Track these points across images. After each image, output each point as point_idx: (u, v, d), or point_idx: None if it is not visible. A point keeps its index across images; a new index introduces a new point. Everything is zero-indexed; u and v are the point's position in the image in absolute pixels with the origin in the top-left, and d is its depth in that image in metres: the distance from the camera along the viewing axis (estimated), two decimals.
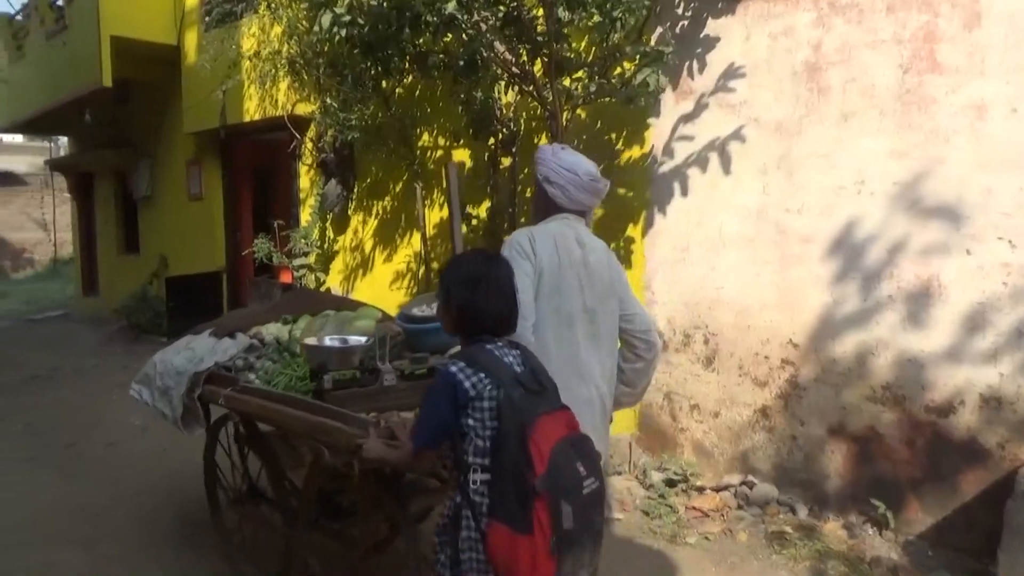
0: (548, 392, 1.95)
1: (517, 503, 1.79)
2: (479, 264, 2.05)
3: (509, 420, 1.83)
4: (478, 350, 1.96)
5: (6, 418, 6.66)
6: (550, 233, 2.40)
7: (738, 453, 4.53)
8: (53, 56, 10.27)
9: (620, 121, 5.06)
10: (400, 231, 6.96)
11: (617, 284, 2.53)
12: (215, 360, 3.33)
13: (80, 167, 13.31)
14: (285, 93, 7.60)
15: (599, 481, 1.89)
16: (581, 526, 1.80)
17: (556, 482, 1.78)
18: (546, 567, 1.77)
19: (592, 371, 2.40)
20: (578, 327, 2.38)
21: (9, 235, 23.55)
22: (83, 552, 3.85)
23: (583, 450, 1.89)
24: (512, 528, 1.79)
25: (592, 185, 2.48)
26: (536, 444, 1.80)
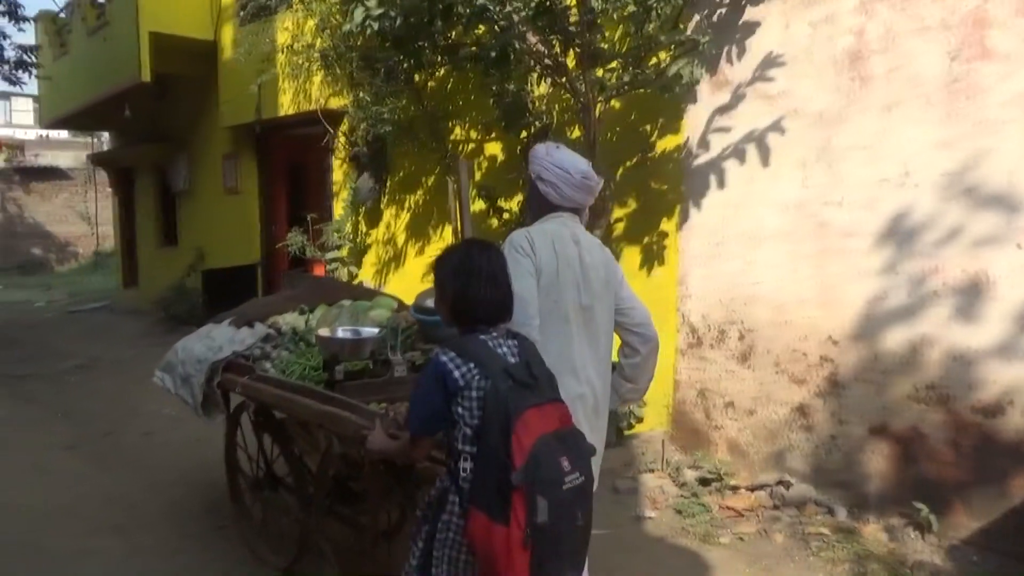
0: (540, 384, 1.93)
1: (496, 493, 1.81)
2: (472, 254, 2.05)
3: (493, 411, 1.84)
4: (470, 340, 1.97)
5: (48, 406, 6.82)
6: (547, 233, 2.44)
7: (774, 452, 4.43)
8: (94, 52, 10.46)
9: (654, 113, 4.97)
10: (432, 225, 6.95)
11: (613, 280, 2.57)
12: (233, 349, 3.41)
13: (121, 162, 13.56)
14: (319, 87, 7.63)
15: (585, 477, 1.88)
16: (559, 521, 1.80)
17: (533, 476, 1.78)
18: (521, 558, 1.78)
19: (586, 367, 2.44)
20: (573, 324, 2.42)
21: (55, 228, 24.21)
22: (118, 539, 3.90)
23: (572, 444, 1.89)
24: (490, 517, 1.82)
25: (584, 183, 2.49)
26: (518, 437, 1.80)
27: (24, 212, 23.84)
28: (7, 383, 7.74)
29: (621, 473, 4.63)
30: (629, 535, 3.97)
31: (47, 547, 3.75)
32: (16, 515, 4.14)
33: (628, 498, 4.37)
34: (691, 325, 4.85)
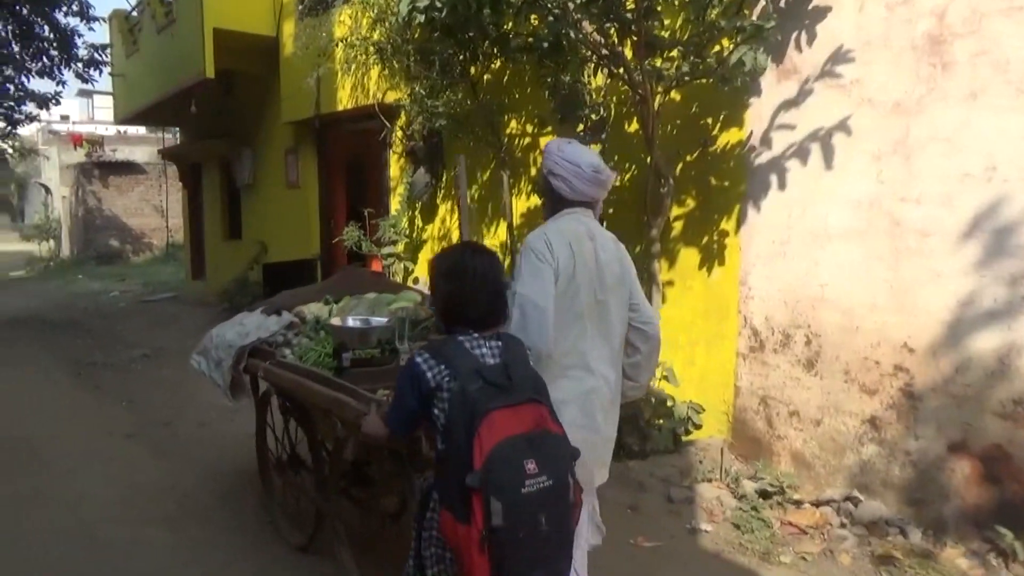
0: (517, 386, 1.93)
1: (459, 493, 1.83)
2: (464, 257, 2.10)
3: (459, 412, 1.87)
4: (446, 342, 2.02)
5: (113, 394, 7.00)
6: (563, 232, 2.48)
7: (842, 466, 4.16)
8: (162, 50, 10.72)
9: (716, 105, 4.72)
10: (487, 220, 6.84)
11: (627, 277, 2.62)
12: (258, 335, 3.61)
13: (189, 156, 13.93)
14: (376, 81, 7.61)
15: (555, 480, 1.87)
16: (517, 524, 1.79)
17: (488, 478, 1.78)
18: (480, 559, 1.80)
19: (600, 361, 2.50)
20: (587, 320, 2.48)
21: (130, 221, 25.13)
22: (168, 531, 3.93)
23: (542, 447, 1.88)
24: (455, 516, 1.85)
25: (594, 176, 2.53)
26: (480, 438, 1.82)
27: (102, 205, 24.81)
28: (78, 370, 8.00)
29: (676, 481, 4.43)
30: (682, 548, 3.78)
31: (100, 536, 3.80)
32: (75, 503, 4.22)
33: (683, 508, 4.17)
34: (753, 328, 4.60)
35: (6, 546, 3.55)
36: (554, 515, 1.88)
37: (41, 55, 9.85)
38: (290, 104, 9.46)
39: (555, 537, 1.90)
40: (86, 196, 24.64)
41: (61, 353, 8.91)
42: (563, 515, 1.92)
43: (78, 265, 22.88)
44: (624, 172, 5.38)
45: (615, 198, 5.45)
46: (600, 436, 2.55)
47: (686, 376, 4.92)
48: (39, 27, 9.79)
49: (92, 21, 9.53)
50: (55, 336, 10.34)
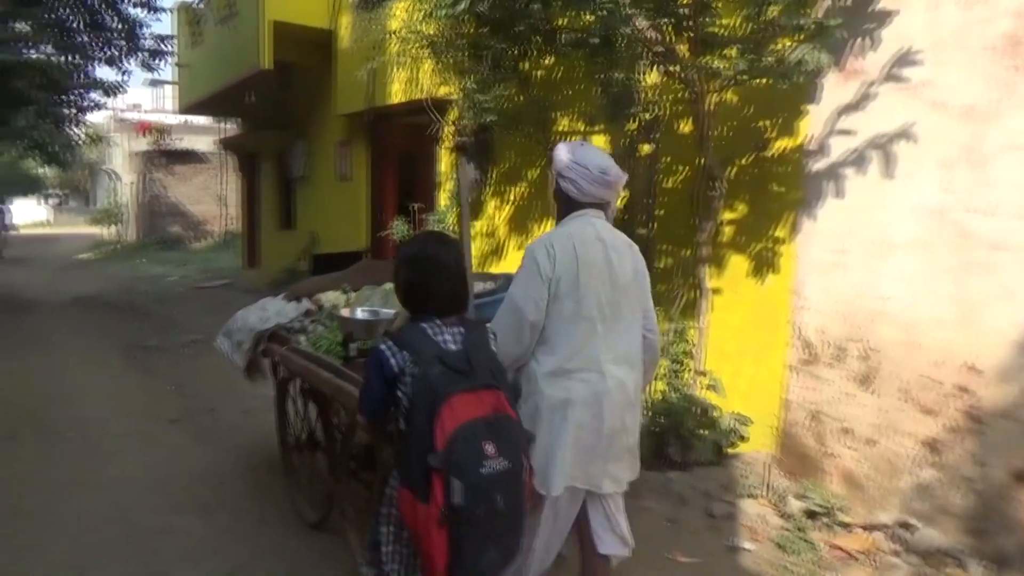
0: (477, 371, 2.00)
1: (420, 473, 1.90)
2: (428, 245, 2.19)
3: (420, 395, 1.95)
4: (410, 329, 2.11)
5: (163, 378, 7.14)
6: (568, 236, 2.52)
7: (896, 489, 3.94)
8: (223, 41, 10.92)
9: (774, 105, 4.52)
10: (534, 218, 6.74)
11: (641, 278, 2.66)
12: (277, 321, 3.74)
13: (247, 147, 14.20)
14: (428, 76, 7.57)
15: (511, 463, 1.95)
16: (475, 503, 1.87)
17: (449, 459, 1.86)
18: (439, 536, 1.88)
19: (613, 363, 2.51)
20: (597, 322, 2.49)
21: (191, 208, 25.85)
22: (201, 520, 3.95)
23: (501, 431, 1.96)
24: (415, 495, 1.92)
25: (602, 178, 2.55)
26: (442, 420, 1.89)
27: (166, 192, 25.58)
28: (133, 354, 8.20)
29: (718, 496, 4.27)
30: (721, 566, 3.63)
31: (133, 521, 3.84)
32: (113, 486, 4.29)
33: (724, 524, 4.01)
34: (805, 340, 4.40)
35: (44, 526, 3.62)
36: (509, 496, 1.96)
37: (108, 45, 10.14)
38: (343, 97, 9.52)
39: (509, 516, 1.99)
40: (151, 183, 25.43)
41: (116, 335, 9.15)
42: (517, 496, 2.01)
43: (141, 249, 23.63)
44: (675, 174, 5.22)
45: (665, 200, 5.30)
46: (612, 440, 2.53)
47: (732, 386, 4.75)
48: (107, 17, 10.07)
49: (156, 12, 9.78)
50: (113, 318, 10.64)
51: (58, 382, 6.57)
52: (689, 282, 5.01)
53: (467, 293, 2.22)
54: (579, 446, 2.48)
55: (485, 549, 1.95)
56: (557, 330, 2.49)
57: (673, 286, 5.16)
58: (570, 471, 2.48)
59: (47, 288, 14.58)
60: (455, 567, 1.93)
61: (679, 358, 4.99)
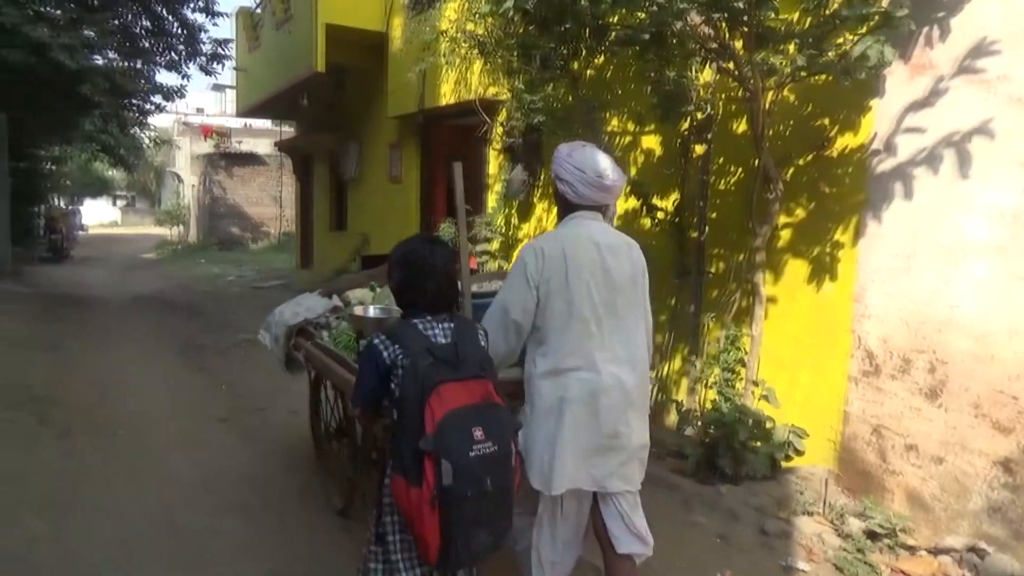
0: (465, 363, 2.12)
1: (412, 458, 2.01)
2: (419, 247, 2.32)
3: (410, 385, 2.06)
4: (402, 324, 2.23)
5: (214, 376, 7.24)
6: (559, 241, 2.57)
7: (966, 511, 3.68)
8: (280, 45, 11.09)
9: (834, 104, 4.30)
10: None
11: (640, 278, 2.68)
12: (305, 316, 3.90)
13: (302, 149, 14.41)
14: (478, 76, 7.52)
15: (498, 447, 2.06)
16: (464, 485, 1.98)
17: (440, 443, 1.97)
18: (430, 517, 1.98)
19: (611, 362, 2.53)
20: (592, 322, 2.52)
21: (250, 209, 26.47)
22: (244, 520, 3.95)
23: (489, 417, 2.08)
24: (407, 480, 2.03)
25: (598, 181, 2.57)
26: (431, 407, 2.01)
27: (226, 193, 26.26)
28: (187, 352, 8.35)
29: (772, 512, 4.07)
30: None
31: (178, 522, 3.85)
32: (160, 484, 4.32)
33: (778, 543, 3.82)
34: (868, 350, 4.16)
35: (91, 523, 3.65)
36: (498, 478, 2.07)
37: (169, 50, 10.41)
38: (395, 99, 9.55)
39: (498, 498, 2.09)
40: (212, 185, 26.13)
41: (172, 334, 9.35)
42: (506, 479, 2.11)
43: (202, 250, 24.30)
44: (729, 175, 5.03)
45: (718, 202, 5.12)
46: (614, 439, 2.54)
47: (788, 397, 4.53)
48: (169, 23, 10.33)
49: (215, 16, 9.99)
50: (170, 317, 10.90)
51: (113, 379, 6.72)
52: (743, 288, 4.82)
53: (456, 291, 2.35)
54: (578, 445, 2.51)
55: (476, 530, 2.05)
56: (552, 331, 2.54)
57: (726, 292, 4.98)
58: (571, 472, 2.51)
59: (111, 287, 15.06)
60: (448, 548, 2.02)
61: (732, 366, 4.80)
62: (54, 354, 7.27)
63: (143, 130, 17.06)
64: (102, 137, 16.33)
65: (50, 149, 18.69)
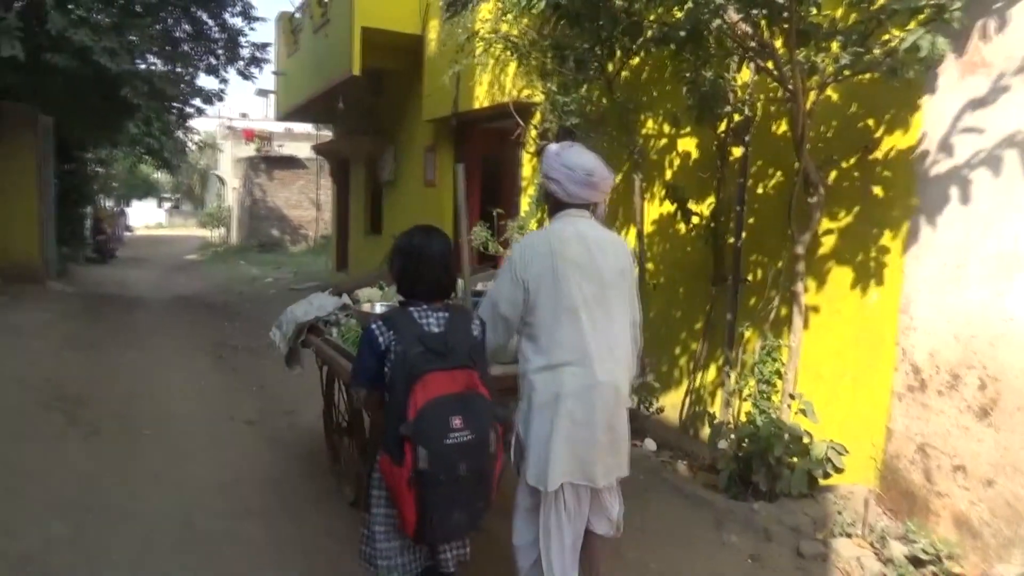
0: (454, 353, 2.23)
1: (395, 439, 2.16)
2: (419, 238, 2.43)
3: (399, 371, 2.18)
4: (398, 312, 2.37)
5: (246, 378, 7.25)
6: (548, 237, 2.66)
7: (1018, 538, 3.44)
8: (317, 48, 11.16)
9: (881, 103, 4.10)
10: (617, 226, 6.46)
11: (628, 272, 2.74)
12: (316, 314, 4.00)
13: (339, 153, 14.50)
14: (512, 79, 7.42)
15: (476, 435, 2.19)
16: (439, 469, 2.12)
17: (418, 430, 2.11)
18: (408, 496, 2.15)
19: (604, 358, 2.58)
20: (583, 313, 2.57)
21: (290, 212, 26.78)
22: (263, 527, 3.90)
23: (469, 407, 2.20)
24: (392, 459, 2.19)
25: (586, 179, 2.65)
26: (415, 394, 2.14)
27: (267, 196, 26.59)
28: (221, 353, 8.40)
29: (809, 533, 3.88)
30: None
31: (195, 524, 3.82)
32: (181, 487, 4.29)
33: (814, 566, 3.63)
34: (913, 364, 3.94)
35: (111, 523, 3.63)
36: (473, 464, 2.21)
37: (208, 54, 10.55)
38: (431, 102, 9.51)
39: (473, 483, 2.23)
40: (253, 188, 26.51)
41: (208, 334, 9.43)
42: (482, 465, 2.24)
43: (242, 252, 24.63)
44: (768, 179, 4.84)
45: (757, 207, 4.93)
46: (603, 433, 2.60)
47: (828, 412, 4.32)
48: (209, 28, 10.47)
49: (254, 21, 10.10)
50: (207, 317, 11.01)
51: (146, 379, 6.77)
52: (782, 296, 4.63)
53: (452, 281, 2.45)
54: (573, 439, 2.56)
55: (451, 510, 2.21)
56: (543, 326, 2.60)
57: (764, 300, 4.78)
58: (566, 466, 2.56)
59: (153, 287, 15.33)
60: (424, 525, 2.20)
61: (769, 378, 4.60)
62: (90, 353, 7.36)
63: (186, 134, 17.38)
64: (147, 140, 16.65)
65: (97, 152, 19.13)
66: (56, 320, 8.56)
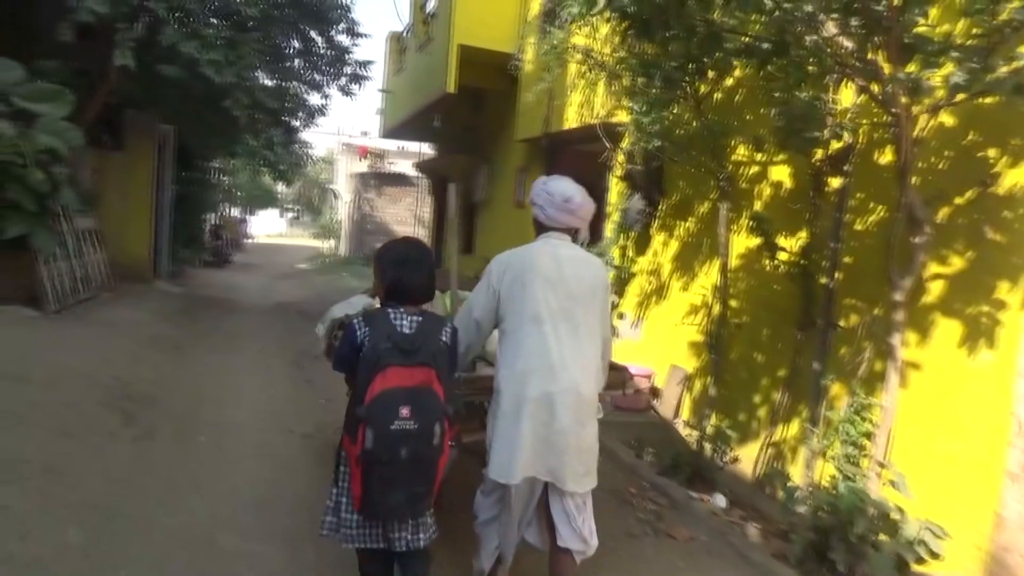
0: (417, 353, 2.48)
1: (353, 421, 2.44)
2: (407, 249, 2.71)
3: (366, 362, 2.44)
4: (377, 312, 2.62)
5: (318, 389, 7.14)
6: (521, 254, 2.91)
7: None
8: (419, 66, 11.26)
9: (1005, 130, 3.52)
10: (701, 258, 6.00)
11: (600, 291, 2.93)
12: (346, 312, 4.14)
13: (438, 170, 14.60)
14: (602, 99, 7.12)
15: (420, 425, 2.41)
16: (382, 451, 2.37)
17: (370, 413, 2.37)
18: (355, 471, 2.45)
19: (566, 363, 2.79)
20: (547, 325, 2.79)
21: (396, 228, 27.37)
22: (286, 550, 3.70)
23: (419, 400, 2.43)
24: (349, 438, 2.47)
25: (564, 205, 2.91)
26: (374, 383, 2.39)
27: (375, 211, 27.34)
28: (301, 362, 8.41)
29: None
30: None
31: (217, 542, 3.66)
32: (215, 500, 4.16)
33: None
34: None
35: (136, 532, 3.51)
36: (414, 451, 2.43)
37: (313, 70, 10.83)
38: (523, 122, 9.35)
39: (412, 467, 2.47)
40: (363, 202, 27.33)
41: (293, 342, 9.53)
42: (422, 452, 2.46)
43: (347, 264, 25.34)
44: (868, 214, 4.30)
45: (854, 244, 4.39)
46: (567, 436, 2.78)
47: (923, 486, 3.73)
48: (317, 45, 10.76)
49: (358, 38, 10.30)
50: (297, 324, 11.18)
51: (219, 383, 6.82)
52: (877, 348, 4.07)
53: (429, 288, 2.67)
54: (535, 438, 2.78)
55: (391, 489, 2.45)
56: (513, 335, 2.85)
57: (856, 351, 4.23)
58: (528, 463, 2.79)
59: (258, 293, 15.87)
60: (367, 500, 2.47)
61: (856, 440, 4.04)
62: (171, 354, 7.53)
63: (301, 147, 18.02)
64: (264, 153, 17.39)
65: (218, 162, 20.19)
66: (150, 319, 8.86)
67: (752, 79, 5.19)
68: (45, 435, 4.15)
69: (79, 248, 8.93)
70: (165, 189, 12.58)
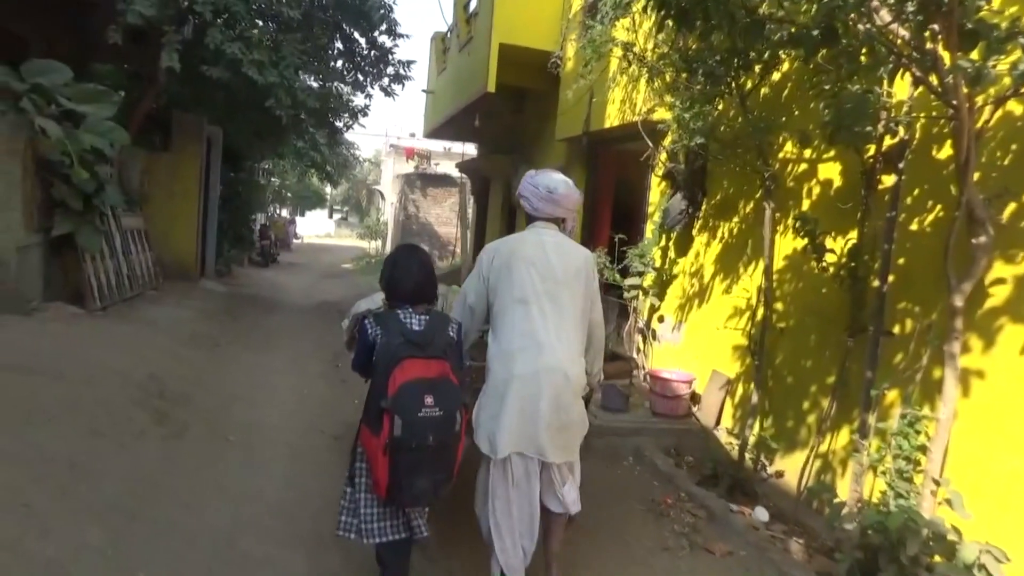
0: (430, 346, 2.70)
1: (375, 413, 2.62)
2: (403, 253, 3.01)
3: (382, 357, 2.66)
4: (386, 313, 2.85)
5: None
6: (509, 242, 3.15)
7: None
8: (461, 66, 11.19)
9: None
10: (744, 259, 5.77)
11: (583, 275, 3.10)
12: (368, 307, 4.36)
13: (480, 171, 14.53)
14: (643, 97, 6.92)
15: (444, 412, 2.61)
16: (411, 437, 2.55)
17: (396, 403, 2.56)
18: (382, 461, 2.59)
19: (551, 343, 2.95)
20: (534, 307, 2.97)
21: (439, 229, 27.47)
22: (305, 556, 3.65)
23: (440, 389, 2.63)
24: (371, 430, 2.65)
25: (548, 196, 3.11)
26: (394, 376, 2.59)
27: (419, 212, 27.46)
28: (336, 362, 8.33)
29: None
30: None
31: (238, 546, 3.61)
32: (240, 502, 4.12)
33: None
34: None
35: (156, 535, 3.47)
36: (439, 436, 2.60)
37: (356, 70, 10.86)
38: (564, 121, 9.19)
39: (438, 452, 2.63)
40: (408, 203, 27.47)
41: (331, 342, 9.51)
42: (447, 438, 2.64)
43: None
44: (924, 213, 4.04)
45: (909, 246, 4.13)
46: (553, 413, 2.93)
47: (982, 506, 3.47)
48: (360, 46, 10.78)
49: (399, 38, 10.26)
50: (336, 324, 11.22)
51: (253, 382, 6.83)
52: (934, 356, 3.80)
53: (423, 290, 2.89)
54: (522, 415, 2.93)
55: (418, 475, 2.60)
56: (502, 317, 3.05)
57: (911, 359, 3.97)
58: (515, 438, 2.93)
59: (301, 292, 16.02)
60: (394, 487, 2.60)
61: (910, 455, 3.79)
62: (209, 353, 7.58)
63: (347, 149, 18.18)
64: (311, 154, 17.59)
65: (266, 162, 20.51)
66: (192, 317, 8.95)
67: (800, 73, 4.96)
68: (74, 433, 4.16)
69: (126, 246, 9.08)
70: (212, 189, 12.77)
